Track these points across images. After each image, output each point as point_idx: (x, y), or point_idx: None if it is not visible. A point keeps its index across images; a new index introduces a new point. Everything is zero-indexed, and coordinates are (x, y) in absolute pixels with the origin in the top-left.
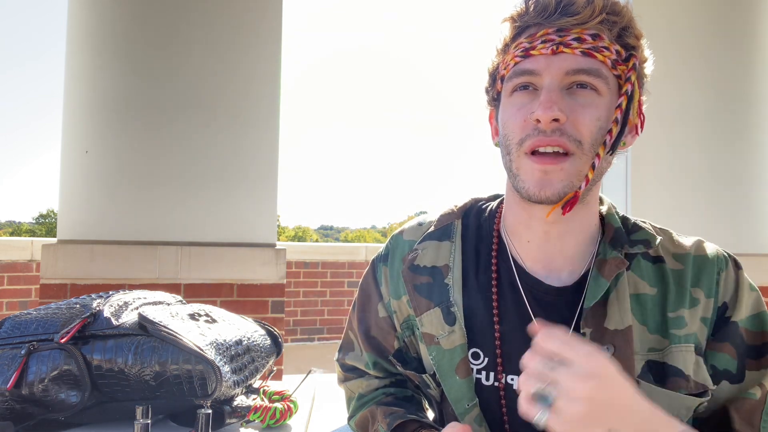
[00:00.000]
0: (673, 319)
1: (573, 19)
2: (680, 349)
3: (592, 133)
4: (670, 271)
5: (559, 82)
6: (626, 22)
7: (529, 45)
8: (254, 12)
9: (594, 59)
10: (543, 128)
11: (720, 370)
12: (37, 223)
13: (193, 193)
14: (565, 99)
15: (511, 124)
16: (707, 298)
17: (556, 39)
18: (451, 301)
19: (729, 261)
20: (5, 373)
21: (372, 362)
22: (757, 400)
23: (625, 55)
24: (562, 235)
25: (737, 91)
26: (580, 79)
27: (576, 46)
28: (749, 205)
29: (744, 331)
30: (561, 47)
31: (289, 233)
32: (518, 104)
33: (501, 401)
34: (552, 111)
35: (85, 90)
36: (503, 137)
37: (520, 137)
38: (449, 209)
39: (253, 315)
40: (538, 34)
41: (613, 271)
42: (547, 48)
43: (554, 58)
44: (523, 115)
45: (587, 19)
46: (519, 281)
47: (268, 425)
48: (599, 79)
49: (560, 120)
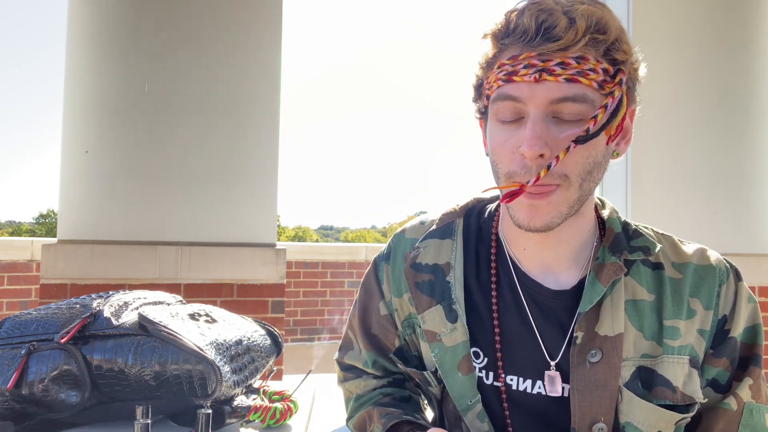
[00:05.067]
0: (668, 329)
1: (554, 44)
2: (672, 360)
3: (577, 164)
4: (669, 279)
5: (543, 112)
6: (614, 38)
7: (511, 69)
8: (254, 11)
9: (579, 84)
10: (529, 164)
11: (709, 380)
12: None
13: (193, 193)
14: (550, 129)
15: (499, 154)
16: (706, 310)
17: (538, 65)
18: (453, 299)
19: (730, 272)
20: (5, 373)
21: (371, 361)
22: (734, 411)
23: (614, 71)
24: (556, 244)
25: (737, 92)
26: (564, 108)
27: (559, 72)
28: (749, 205)
29: (740, 344)
30: (544, 74)
31: (289, 233)
32: (505, 134)
33: (503, 403)
34: (537, 147)
35: (85, 90)
36: (492, 161)
37: (507, 171)
38: (451, 208)
39: (253, 315)
40: (521, 57)
41: (610, 276)
42: (530, 75)
43: (538, 87)
44: (510, 148)
45: (570, 43)
46: (518, 283)
47: (268, 425)
48: (584, 104)
49: (545, 155)
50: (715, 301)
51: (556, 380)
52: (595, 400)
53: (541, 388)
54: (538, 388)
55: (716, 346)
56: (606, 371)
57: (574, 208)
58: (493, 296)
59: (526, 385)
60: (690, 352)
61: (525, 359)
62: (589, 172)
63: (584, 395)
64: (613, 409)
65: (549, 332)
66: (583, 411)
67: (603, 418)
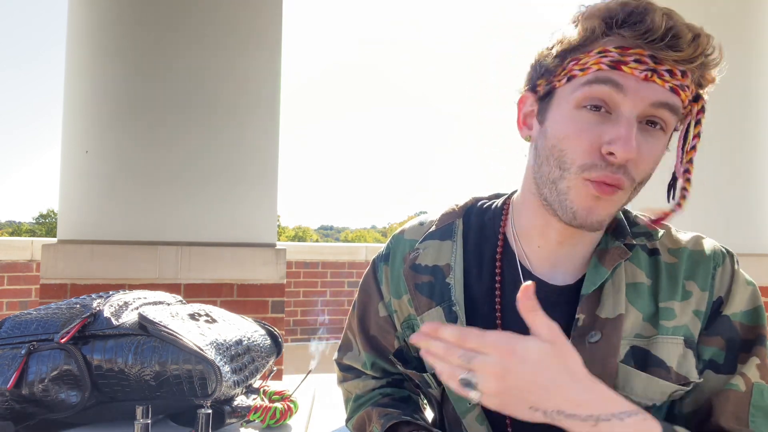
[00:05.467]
0: (663, 310)
1: (675, 54)
2: (666, 341)
3: (645, 173)
4: (664, 264)
5: (641, 112)
6: (713, 67)
7: (620, 57)
8: (254, 11)
9: (678, 96)
10: (614, 162)
11: (705, 360)
12: (37, 223)
13: (193, 192)
14: (638, 135)
15: (573, 143)
16: (701, 291)
17: (650, 64)
18: (452, 300)
19: (726, 256)
20: (5, 373)
21: (370, 362)
22: (743, 392)
23: (695, 94)
24: (575, 244)
25: (737, 91)
26: (660, 114)
27: (668, 78)
28: (749, 205)
29: (739, 325)
30: (654, 75)
31: (289, 233)
32: (585, 123)
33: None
34: (632, 150)
35: (85, 90)
36: (555, 148)
37: (584, 162)
38: (450, 208)
39: (253, 315)
40: (632, 51)
41: (615, 259)
42: (640, 70)
43: (644, 85)
44: (590, 139)
45: (688, 57)
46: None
47: (268, 425)
48: (675, 116)
49: (631, 159)
50: (710, 283)
51: None
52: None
53: None
54: None
55: (709, 326)
56: (605, 349)
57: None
58: (497, 295)
59: None
60: (685, 332)
61: None
62: (642, 183)
63: None
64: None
65: None
66: None
67: None
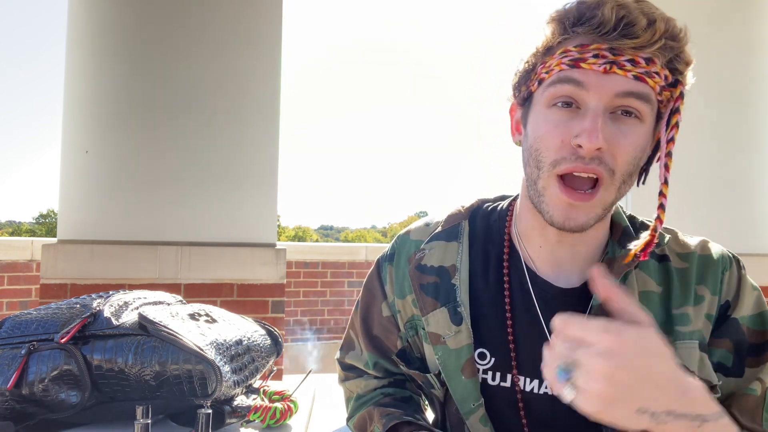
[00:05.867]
0: (678, 316)
1: (631, 42)
2: (685, 346)
3: (627, 163)
4: (675, 269)
5: (606, 104)
6: (682, 48)
7: (579, 56)
8: (254, 11)
9: (645, 84)
10: (583, 155)
11: (714, 362)
12: (37, 223)
13: (193, 193)
14: (608, 125)
15: (546, 141)
16: (713, 296)
17: (609, 57)
18: (458, 302)
19: (733, 261)
20: (5, 373)
21: (372, 362)
22: (758, 396)
23: (672, 80)
24: (575, 243)
25: (738, 91)
26: (628, 103)
27: (629, 68)
28: (749, 205)
29: (746, 329)
30: (614, 67)
31: (289, 233)
32: (555, 120)
33: (518, 403)
34: (597, 141)
35: (85, 90)
36: (532, 148)
37: (555, 158)
38: (456, 210)
39: (253, 315)
40: (591, 47)
41: (622, 269)
42: (599, 65)
43: (605, 78)
44: (561, 135)
45: (646, 43)
46: (530, 284)
47: (268, 425)
48: (647, 104)
49: (602, 149)
50: (719, 287)
51: None
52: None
53: (548, 388)
54: (544, 387)
55: (717, 328)
56: None
57: (607, 211)
58: (506, 296)
59: (533, 385)
60: (699, 336)
61: (533, 359)
62: (630, 175)
63: None
64: None
65: None
66: None
67: None
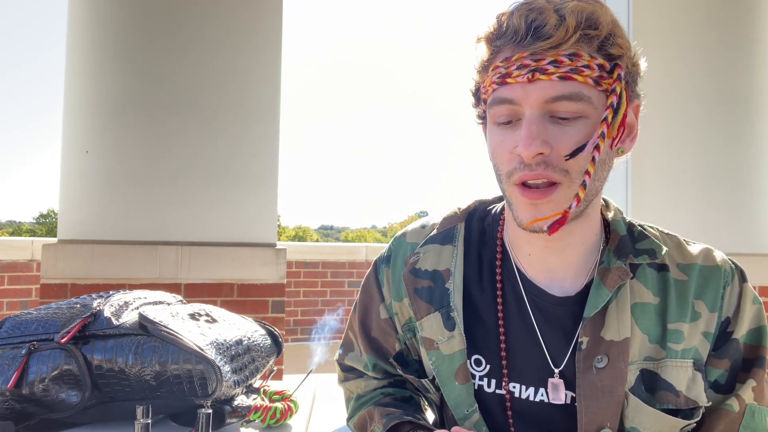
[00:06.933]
0: (672, 332)
1: (545, 43)
2: (675, 364)
3: (577, 161)
4: (674, 281)
5: (539, 111)
6: (607, 33)
7: (505, 71)
8: (254, 11)
9: (574, 82)
10: (528, 162)
11: (710, 380)
12: (38, 223)
13: (193, 192)
14: (548, 128)
15: (498, 155)
16: (711, 312)
17: (531, 65)
18: (451, 306)
19: (735, 273)
20: (6, 373)
21: (372, 364)
22: (736, 413)
23: (610, 66)
24: (562, 249)
25: (737, 91)
26: (559, 107)
27: (552, 71)
28: (749, 205)
29: (743, 345)
30: (537, 74)
31: (290, 233)
32: (501, 135)
33: (507, 411)
34: (533, 147)
35: (85, 90)
36: (493, 164)
37: (508, 170)
38: (453, 212)
39: (254, 315)
40: (513, 58)
41: (616, 281)
42: (523, 75)
43: (531, 87)
44: (508, 148)
45: (561, 41)
46: (523, 291)
47: (268, 425)
48: (581, 102)
49: (544, 152)
50: (719, 303)
51: (559, 388)
52: (602, 406)
53: (544, 396)
54: (540, 395)
55: (718, 348)
56: (612, 377)
57: (580, 209)
58: (499, 303)
59: (528, 393)
60: (694, 355)
61: (528, 367)
62: (585, 174)
63: (591, 401)
64: (618, 415)
65: (553, 339)
66: (590, 417)
67: (609, 423)
